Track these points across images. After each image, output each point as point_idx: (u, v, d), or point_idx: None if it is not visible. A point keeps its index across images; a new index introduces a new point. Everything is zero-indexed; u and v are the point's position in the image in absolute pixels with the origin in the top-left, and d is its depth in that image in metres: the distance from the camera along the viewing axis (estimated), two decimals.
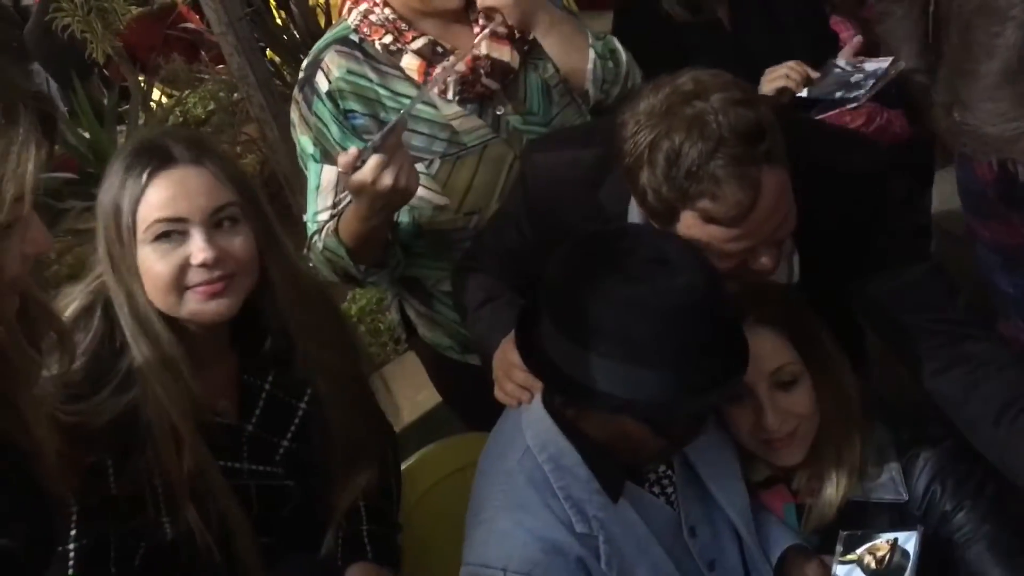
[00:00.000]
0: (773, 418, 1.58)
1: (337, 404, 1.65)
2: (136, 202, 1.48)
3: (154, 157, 1.49)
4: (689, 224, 1.48)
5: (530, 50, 1.96)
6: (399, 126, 1.68)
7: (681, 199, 1.45)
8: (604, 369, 1.40)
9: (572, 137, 1.74)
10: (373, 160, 1.66)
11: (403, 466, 1.89)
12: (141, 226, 1.48)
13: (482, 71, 1.89)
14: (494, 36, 1.91)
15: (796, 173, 1.53)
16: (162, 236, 1.49)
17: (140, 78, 4.42)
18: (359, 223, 1.78)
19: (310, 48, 2.10)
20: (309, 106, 1.89)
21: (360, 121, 1.87)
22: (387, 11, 1.89)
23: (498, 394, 1.63)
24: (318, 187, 1.89)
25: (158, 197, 1.49)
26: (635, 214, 1.59)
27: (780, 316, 1.58)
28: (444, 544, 1.65)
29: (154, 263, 1.49)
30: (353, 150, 1.66)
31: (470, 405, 1.87)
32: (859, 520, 1.62)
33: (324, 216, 1.87)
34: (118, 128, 4.25)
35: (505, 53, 1.92)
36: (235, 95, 4.13)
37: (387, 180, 1.67)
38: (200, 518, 1.52)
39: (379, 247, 1.86)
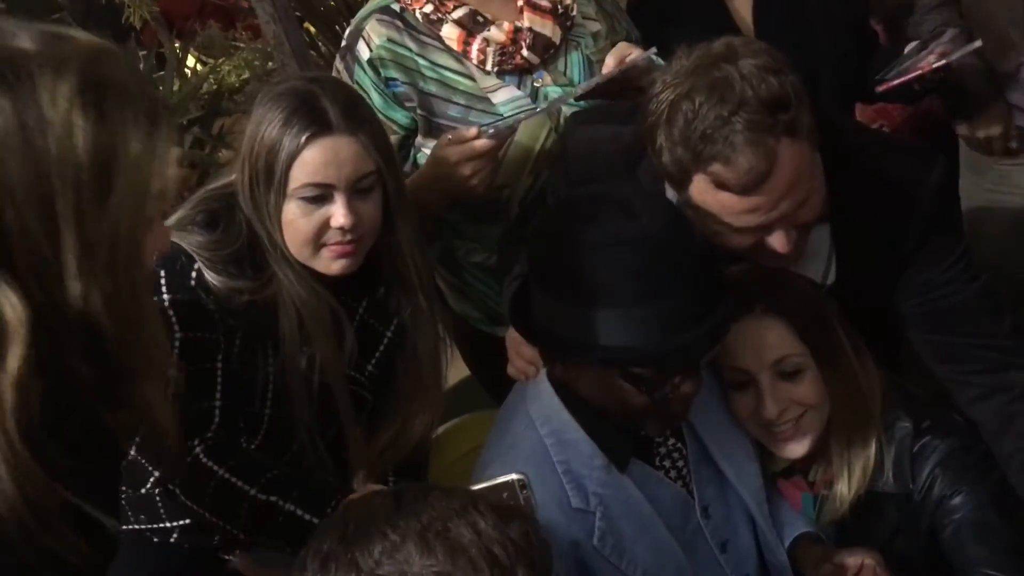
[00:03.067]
0: (772, 407, 1.57)
1: (422, 342, 1.74)
2: (291, 159, 1.56)
3: (313, 121, 1.57)
4: (701, 189, 1.46)
5: (572, 26, 1.95)
6: (513, 127, 1.73)
7: (694, 161, 1.43)
8: (574, 316, 1.40)
9: (615, 113, 1.73)
10: (469, 146, 1.71)
11: None
12: (291, 183, 1.57)
13: (523, 43, 1.88)
14: (537, 9, 1.91)
15: (847, 176, 1.52)
16: (308, 197, 1.57)
17: (176, 44, 4.43)
18: (415, 191, 1.80)
19: (346, 19, 2.11)
20: (351, 75, 1.91)
21: (401, 89, 1.89)
22: None
23: (509, 370, 1.65)
24: None
25: (312, 162, 1.57)
26: (671, 193, 1.57)
27: (789, 306, 1.57)
28: None
29: (297, 218, 1.59)
30: (474, 129, 1.74)
31: (497, 378, 1.87)
32: (867, 510, 1.63)
33: None
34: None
35: (547, 27, 1.92)
36: (269, 64, 4.14)
37: (465, 170, 1.75)
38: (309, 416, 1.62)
39: (429, 220, 1.89)
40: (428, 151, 1.91)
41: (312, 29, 4.19)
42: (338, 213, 1.58)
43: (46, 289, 0.99)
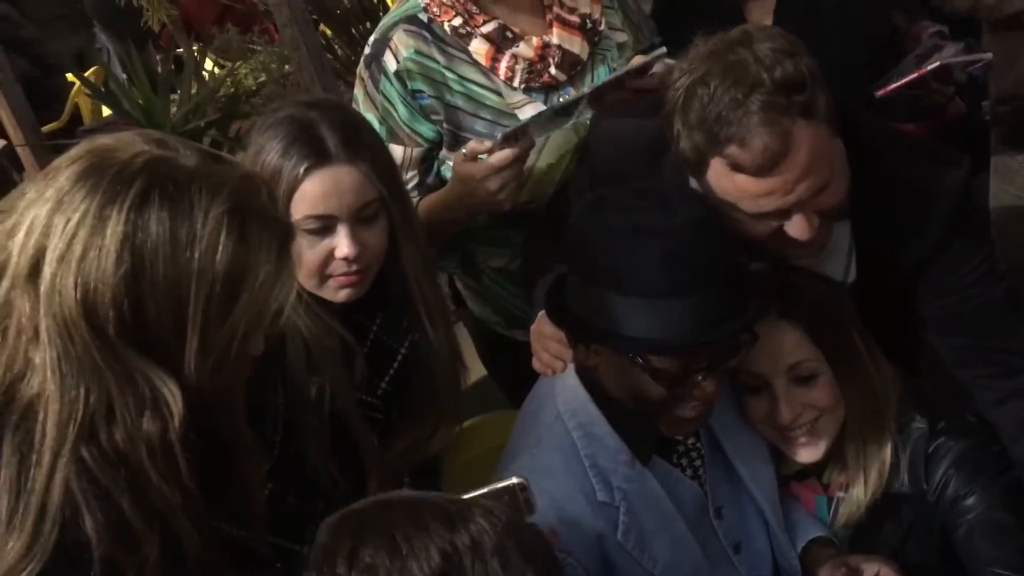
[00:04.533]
0: (787, 412, 1.58)
1: (435, 361, 1.72)
2: (291, 191, 1.55)
3: (311, 151, 1.55)
4: (718, 173, 1.47)
5: (600, 40, 1.95)
6: (527, 130, 1.71)
7: (710, 144, 1.45)
8: (605, 303, 1.42)
9: (638, 107, 1.74)
10: (495, 158, 1.69)
11: None
12: (293, 215, 1.55)
13: (551, 60, 1.88)
14: (565, 25, 1.90)
15: (868, 174, 1.52)
16: (311, 228, 1.57)
17: (194, 48, 4.45)
18: (442, 209, 1.82)
19: (362, 23, 2.11)
20: (376, 84, 1.90)
21: (427, 101, 1.88)
22: None
23: (535, 364, 1.66)
24: None
25: (312, 194, 1.56)
26: (694, 184, 1.58)
27: (803, 310, 1.58)
28: None
29: (302, 250, 1.57)
30: (487, 142, 1.72)
31: (514, 381, 1.88)
32: (882, 511, 1.64)
33: None
34: (170, 97, 4.30)
35: (576, 44, 1.91)
36: (286, 67, 4.15)
37: (492, 185, 1.73)
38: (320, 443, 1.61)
39: (453, 232, 1.90)
40: (452, 164, 1.90)
41: (328, 32, 4.22)
42: (342, 243, 1.57)
43: (177, 372, 1.11)
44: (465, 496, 1.34)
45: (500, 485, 1.33)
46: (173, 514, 1.11)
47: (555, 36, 1.90)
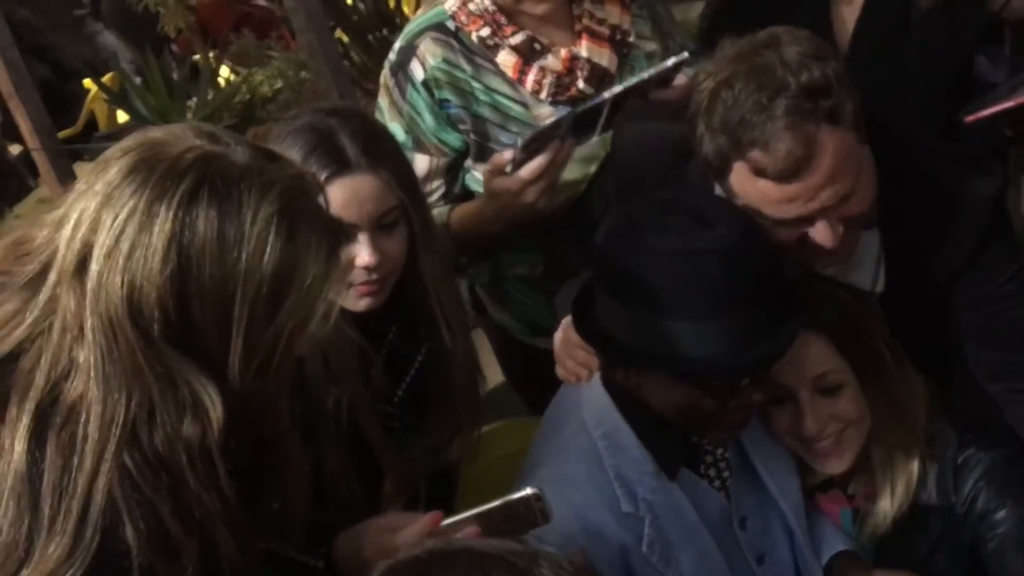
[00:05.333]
0: (813, 423, 1.56)
1: (452, 369, 1.70)
2: None
3: (331, 160, 1.53)
4: (740, 178, 1.45)
5: (628, 52, 1.93)
6: (547, 132, 1.68)
7: (733, 148, 1.43)
8: (647, 325, 1.40)
9: (663, 110, 1.72)
10: (526, 171, 1.67)
11: None
12: None
13: (579, 73, 1.87)
14: (594, 37, 1.88)
15: (899, 181, 1.50)
16: None
17: (211, 54, 4.47)
18: (479, 224, 1.81)
19: (379, 29, 2.09)
20: (403, 94, 1.88)
21: (454, 111, 1.87)
22: (487, 1, 1.85)
23: (559, 372, 1.64)
24: None
25: (333, 203, 1.52)
26: (719, 190, 1.57)
27: (829, 320, 1.55)
28: None
29: None
30: (508, 153, 1.69)
31: (535, 387, 1.87)
32: (909, 523, 1.61)
33: None
34: (186, 103, 4.32)
35: (604, 57, 1.89)
36: (303, 73, 4.16)
37: (530, 197, 1.71)
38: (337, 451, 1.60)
39: (488, 244, 1.89)
40: (478, 174, 1.88)
41: (345, 38, 4.22)
42: (363, 252, 1.55)
43: (219, 375, 1.10)
44: (481, 509, 1.34)
45: (516, 496, 1.31)
46: (212, 522, 1.10)
47: (584, 48, 1.88)
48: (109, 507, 1.07)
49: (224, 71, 4.57)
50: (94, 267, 1.07)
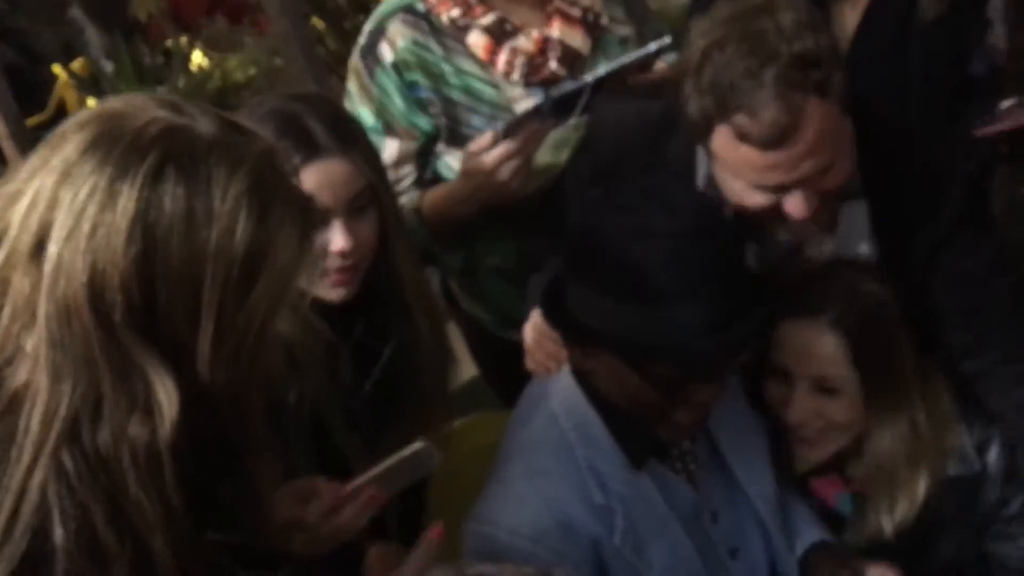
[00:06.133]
0: (797, 414, 1.56)
1: (422, 359, 1.68)
2: None
3: (301, 145, 1.50)
4: (723, 141, 1.45)
5: (601, 34, 1.92)
6: (528, 118, 1.67)
7: (719, 110, 1.42)
8: (602, 306, 1.39)
9: (640, 90, 1.72)
10: (500, 149, 1.66)
11: None
12: None
13: (551, 54, 1.86)
14: (566, 18, 1.87)
15: (883, 153, 1.53)
16: None
17: (183, 39, 4.42)
18: (452, 205, 1.79)
19: (355, 16, 2.07)
20: (372, 77, 1.86)
21: (424, 94, 1.85)
22: None
23: (528, 363, 1.63)
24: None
25: (305, 189, 1.49)
26: (703, 169, 1.56)
27: (855, 326, 1.53)
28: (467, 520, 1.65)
29: None
30: (489, 135, 1.68)
31: (507, 381, 1.86)
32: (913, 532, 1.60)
33: None
34: (157, 89, 4.27)
35: (577, 38, 1.89)
36: (276, 60, 4.13)
37: (504, 175, 1.70)
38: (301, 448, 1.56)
39: (461, 229, 1.86)
40: (450, 159, 1.87)
41: (319, 25, 4.19)
42: (337, 237, 1.53)
43: (180, 368, 1.03)
44: (376, 471, 1.38)
45: (405, 454, 1.37)
46: (150, 532, 1.04)
47: (556, 29, 1.87)
48: (41, 507, 1.01)
49: (196, 57, 4.53)
50: (52, 249, 1.01)
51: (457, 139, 1.85)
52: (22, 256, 1.02)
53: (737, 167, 1.45)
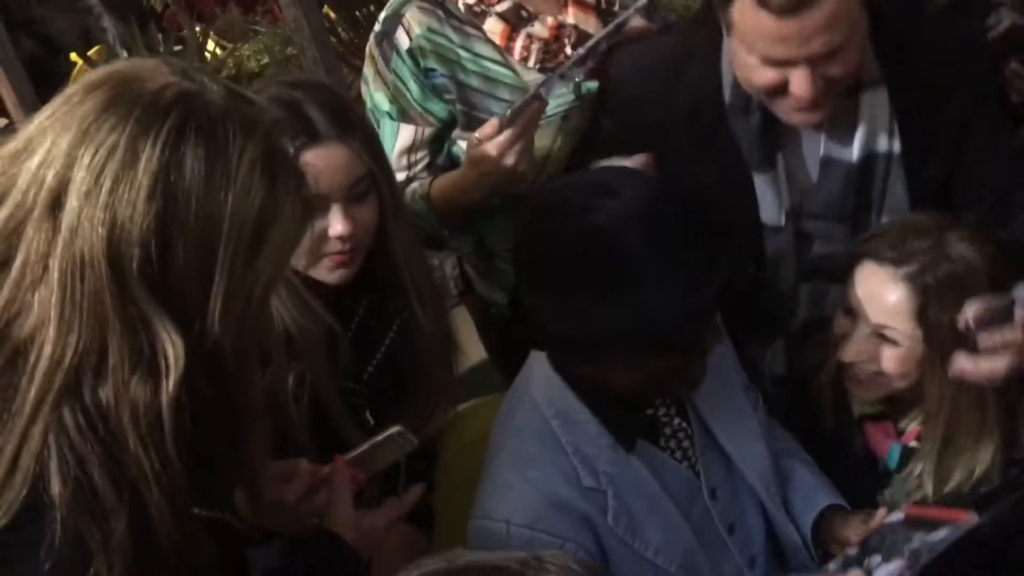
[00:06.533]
0: (850, 352, 1.59)
1: (425, 343, 1.69)
2: None
3: (299, 131, 1.52)
4: (742, 8, 1.50)
5: (614, 19, 1.93)
6: (534, 103, 1.69)
7: None
8: (589, 311, 1.39)
9: (652, 31, 1.78)
10: (505, 135, 1.68)
11: None
12: None
13: (566, 40, 1.86)
14: (581, 5, 1.88)
15: (902, 36, 1.58)
16: None
17: (197, 28, 4.45)
18: (459, 193, 1.80)
19: (366, 5, 2.07)
20: (387, 62, 1.87)
21: (440, 80, 1.86)
22: None
23: None
24: (394, 147, 1.89)
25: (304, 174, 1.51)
26: (728, 78, 1.60)
27: (932, 285, 1.53)
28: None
29: None
30: (494, 122, 1.69)
31: (516, 365, 1.87)
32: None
33: (401, 177, 1.86)
34: None
35: (591, 23, 1.89)
36: (289, 48, 4.15)
37: (510, 159, 1.71)
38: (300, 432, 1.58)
39: (469, 214, 1.88)
40: (465, 144, 1.87)
41: (332, 14, 4.21)
42: (335, 222, 1.54)
43: (189, 326, 1.06)
44: (354, 453, 1.43)
45: (381, 437, 1.43)
46: (147, 486, 1.06)
47: (570, 15, 1.88)
48: (40, 457, 1.03)
49: (210, 46, 4.55)
50: (72, 204, 1.03)
51: (473, 124, 1.85)
52: (37, 212, 1.04)
53: (752, 38, 1.49)
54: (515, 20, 1.86)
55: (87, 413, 1.04)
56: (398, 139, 1.88)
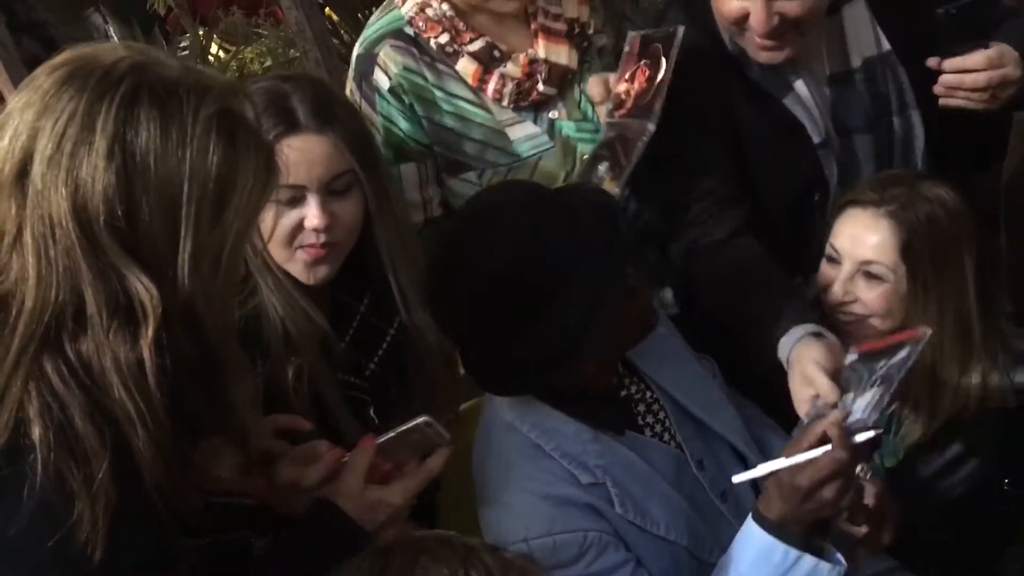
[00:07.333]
0: (838, 292, 1.66)
1: (423, 341, 1.72)
2: None
3: (280, 120, 1.54)
4: None
5: (589, 46, 1.92)
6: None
7: None
8: (543, 335, 1.44)
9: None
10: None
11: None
12: None
13: (539, 76, 1.86)
14: (551, 35, 1.86)
15: None
16: (281, 199, 1.55)
17: (200, 32, 4.46)
18: None
19: (368, 7, 2.08)
20: (373, 106, 1.88)
21: (421, 118, 1.87)
22: (444, 6, 1.83)
23: None
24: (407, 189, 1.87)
25: (282, 163, 1.51)
26: (727, 39, 1.70)
27: (912, 222, 1.63)
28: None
29: (270, 220, 1.55)
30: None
31: None
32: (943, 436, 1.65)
33: (419, 218, 1.87)
34: None
35: (563, 54, 1.88)
36: (292, 51, 4.15)
37: None
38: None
39: None
40: (453, 186, 1.88)
41: (334, 17, 4.21)
42: (311, 214, 1.56)
43: (162, 280, 1.11)
44: (379, 440, 1.44)
45: (408, 426, 1.40)
46: (132, 430, 1.10)
47: (541, 49, 1.86)
48: (22, 402, 1.08)
49: (213, 48, 4.56)
50: (36, 170, 1.09)
51: (452, 167, 1.86)
52: (6, 184, 1.11)
53: None
54: (488, 60, 1.85)
55: (68, 362, 1.10)
56: (405, 181, 1.87)
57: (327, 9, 4.08)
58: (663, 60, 1.74)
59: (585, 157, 1.87)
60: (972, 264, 1.64)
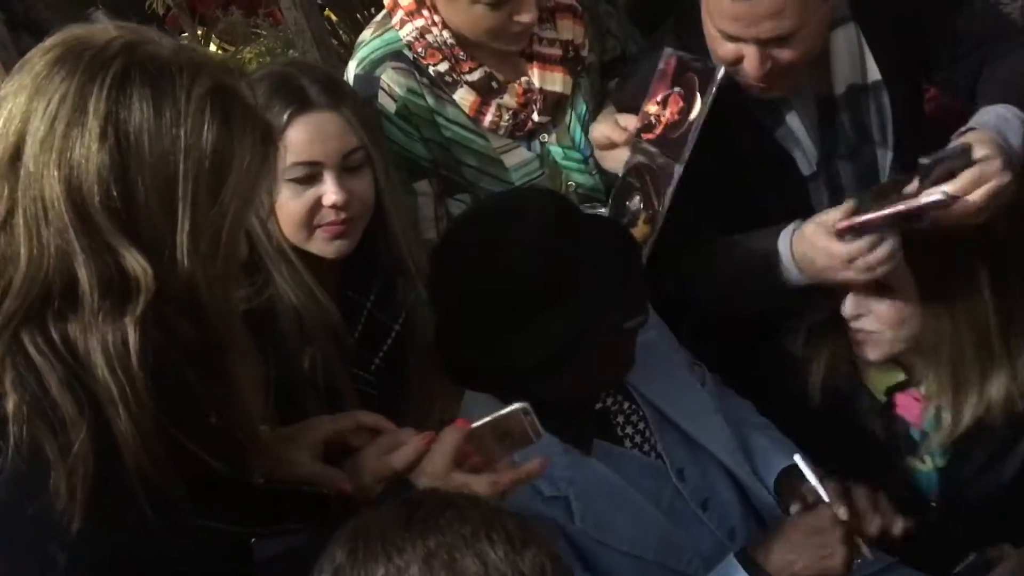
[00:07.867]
0: (850, 307, 1.64)
1: (428, 332, 1.70)
2: None
3: (293, 99, 1.56)
4: None
5: (582, 69, 1.94)
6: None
7: None
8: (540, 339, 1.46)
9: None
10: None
11: None
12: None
13: (534, 106, 1.86)
14: (544, 62, 1.87)
15: None
16: (297, 177, 1.55)
17: (198, 31, 4.46)
18: None
19: (367, 7, 2.08)
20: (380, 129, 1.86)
21: (427, 136, 1.87)
22: (445, 33, 1.83)
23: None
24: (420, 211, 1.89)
25: (297, 141, 1.55)
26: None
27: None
28: None
29: (288, 200, 1.57)
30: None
31: None
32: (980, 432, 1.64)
33: (430, 234, 1.88)
34: None
35: (557, 81, 1.90)
36: (291, 51, 4.16)
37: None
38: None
39: None
40: (448, 207, 1.91)
41: (333, 17, 4.22)
42: (329, 191, 1.57)
43: (159, 260, 1.10)
44: (474, 425, 1.36)
45: (504, 412, 1.33)
46: (114, 409, 1.09)
47: (536, 77, 1.87)
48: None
49: (212, 48, 4.56)
50: (29, 152, 1.09)
51: (452, 187, 1.88)
52: (2, 165, 1.10)
53: (713, 10, 1.60)
54: (485, 91, 1.86)
55: (47, 336, 1.09)
56: (422, 198, 1.89)
57: (326, 9, 4.09)
58: (698, 97, 1.70)
59: (616, 183, 1.88)
60: (986, 273, 1.63)
